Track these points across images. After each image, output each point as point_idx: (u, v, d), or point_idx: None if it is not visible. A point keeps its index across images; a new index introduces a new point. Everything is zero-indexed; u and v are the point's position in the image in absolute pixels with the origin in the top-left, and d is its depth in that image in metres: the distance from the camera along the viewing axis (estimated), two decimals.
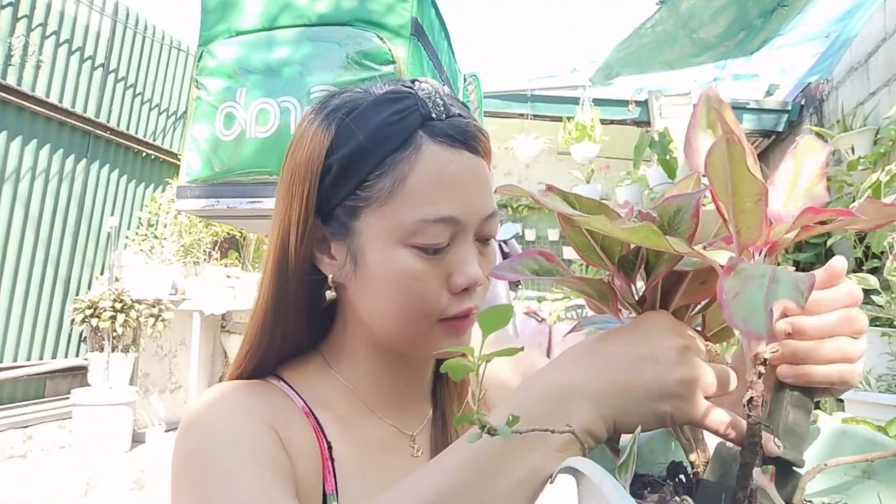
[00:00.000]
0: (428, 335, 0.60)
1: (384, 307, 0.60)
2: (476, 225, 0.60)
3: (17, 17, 4.49)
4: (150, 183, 5.83)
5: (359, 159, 0.58)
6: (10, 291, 4.55)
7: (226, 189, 1.60)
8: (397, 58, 1.50)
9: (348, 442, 0.62)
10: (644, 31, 3.22)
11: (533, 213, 7.10)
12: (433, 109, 0.59)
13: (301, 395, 0.63)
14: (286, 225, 0.62)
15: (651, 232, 0.38)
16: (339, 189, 0.59)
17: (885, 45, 3.30)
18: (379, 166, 0.58)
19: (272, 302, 0.63)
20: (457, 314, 0.59)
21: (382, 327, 0.61)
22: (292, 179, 0.61)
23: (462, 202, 0.58)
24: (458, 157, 0.59)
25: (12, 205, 4.54)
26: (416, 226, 0.57)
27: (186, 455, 0.55)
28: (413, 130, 0.58)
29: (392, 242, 0.58)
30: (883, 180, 2.51)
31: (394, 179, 0.57)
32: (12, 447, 4.28)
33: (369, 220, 0.58)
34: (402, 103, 0.59)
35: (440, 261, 0.58)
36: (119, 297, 4.73)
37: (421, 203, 0.57)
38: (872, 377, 2.14)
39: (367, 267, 0.59)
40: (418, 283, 0.58)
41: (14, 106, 4.49)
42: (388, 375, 0.66)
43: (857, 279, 2.14)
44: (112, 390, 4.61)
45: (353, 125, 0.59)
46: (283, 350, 0.66)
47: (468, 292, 0.60)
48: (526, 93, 5.56)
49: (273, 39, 1.58)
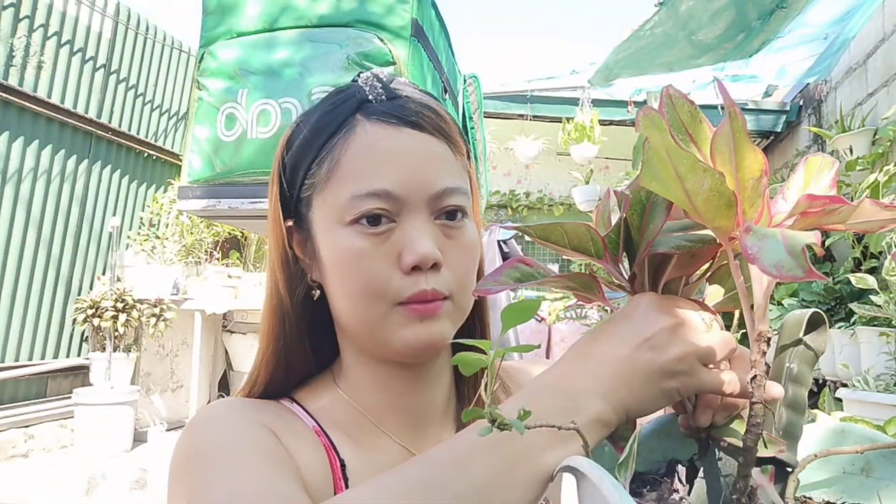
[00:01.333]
0: (387, 321, 0.57)
1: (340, 294, 0.59)
2: (425, 202, 0.57)
3: (18, 18, 4.49)
4: (151, 183, 5.83)
5: (303, 151, 0.60)
6: (12, 291, 4.55)
7: (227, 189, 1.60)
8: (397, 59, 1.51)
9: (360, 461, 0.60)
10: (643, 33, 3.22)
11: (533, 213, 7.11)
12: (370, 93, 0.60)
13: (312, 415, 0.61)
14: (271, 236, 0.64)
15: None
16: (292, 185, 0.61)
17: (883, 46, 3.30)
18: (318, 153, 0.59)
19: (273, 318, 0.64)
20: (413, 296, 0.56)
21: (347, 320, 0.60)
22: (270, 186, 0.64)
23: (400, 177, 0.56)
24: (396, 133, 0.58)
25: (14, 205, 4.54)
26: (350, 202, 0.56)
27: (186, 456, 0.54)
28: (349, 115, 0.59)
29: (334, 224, 0.57)
30: (881, 181, 2.51)
31: (331, 162, 0.58)
32: (14, 447, 4.29)
33: (317, 206, 0.59)
34: (341, 94, 0.61)
35: (386, 239, 0.56)
36: (121, 296, 4.74)
37: (354, 179, 0.56)
38: (871, 377, 2.14)
39: (322, 255, 0.59)
40: (363, 261, 0.56)
41: (16, 107, 4.49)
42: (386, 389, 0.63)
43: (856, 279, 2.14)
44: (113, 390, 4.62)
45: (300, 123, 0.62)
46: (291, 369, 0.64)
47: (422, 272, 0.56)
48: (525, 94, 5.56)
49: (274, 40, 1.58)
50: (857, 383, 2.15)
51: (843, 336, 2.43)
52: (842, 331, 2.46)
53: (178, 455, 0.55)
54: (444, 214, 0.59)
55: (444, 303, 0.57)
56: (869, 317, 2.20)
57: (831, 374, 2.56)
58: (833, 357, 2.47)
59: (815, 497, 0.49)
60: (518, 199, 7.10)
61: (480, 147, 2.17)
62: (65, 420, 4.68)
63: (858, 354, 2.31)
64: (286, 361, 0.63)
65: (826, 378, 2.67)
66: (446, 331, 0.58)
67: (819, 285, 3.09)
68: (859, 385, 2.13)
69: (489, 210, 6.90)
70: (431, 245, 0.56)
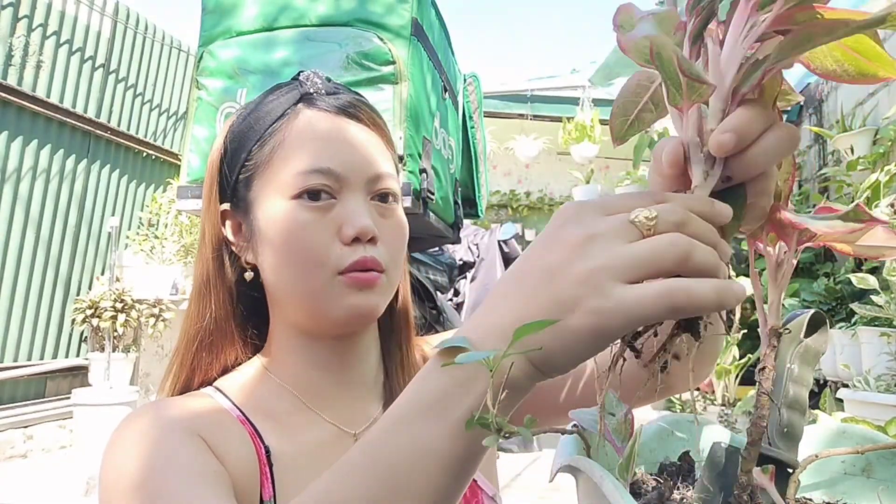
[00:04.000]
0: (329, 289, 0.60)
1: (283, 265, 0.61)
2: (363, 182, 0.62)
3: (17, 18, 4.49)
4: (150, 183, 5.83)
5: (244, 135, 0.64)
6: (10, 291, 4.55)
7: None
8: (397, 58, 1.50)
9: (287, 444, 0.61)
10: None
11: (533, 213, 7.11)
12: (311, 87, 0.65)
13: (235, 404, 0.62)
14: (203, 221, 0.67)
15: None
16: (232, 169, 0.65)
17: (885, 45, 3.30)
18: (261, 137, 0.63)
19: (197, 298, 0.66)
20: (353, 264, 0.60)
21: (287, 291, 0.62)
22: (205, 177, 0.67)
23: (340, 157, 0.61)
24: (336, 121, 0.63)
25: (13, 205, 4.54)
26: (294, 178, 0.60)
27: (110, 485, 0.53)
28: (292, 104, 0.64)
29: (277, 198, 0.61)
30: (882, 180, 2.51)
31: (274, 143, 0.62)
32: (13, 447, 4.29)
33: (257, 186, 0.63)
34: (283, 87, 0.66)
35: (327, 213, 0.60)
36: (120, 297, 4.74)
37: (297, 157, 0.61)
38: (872, 377, 2.14)
39: (262, 230, 0.62)
40: (306, 231, 0.60)
41: (14, 106, 4.49)
42: (321, 366, 0.65)
43: (857, 279, 2.14)
44: (113, 390, 4.62)
45: (241, 112, 0.67)
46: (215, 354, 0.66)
47: (361, 244, 0.60)
48: (526, 93, 5.57)
49: (273, 40, 1.58)
50: (857, 384, 2.15)
51: (843, 336, 2.43)
52: (843, 331, 2.46)
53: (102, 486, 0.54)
54: (378, 196, 0.63)
55: (381, 276, 0.61)
56: (870, 317, 2.20)
57: (832, 374, 2.56)
58: (834, 357, 2.46)
59: (815, 498, 0.49)
60: (518, 199, 7.11)
61: (480, 147, 2.16)
62: (64, 420, 4.68)
63: (859, 355, 2.31)
64: (210, 345, 0.65)
65: (827, 378, 2.67)
66: (381, 302, 0.63)
67: (820, 285, 3.09)
68: (860, 385, 2.13)
69: (489, 210, 6.90)
70: (369, 220, 0.61)
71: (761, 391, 0.41)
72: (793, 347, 0.48)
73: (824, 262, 3.62)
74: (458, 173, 1.79)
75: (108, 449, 0.56)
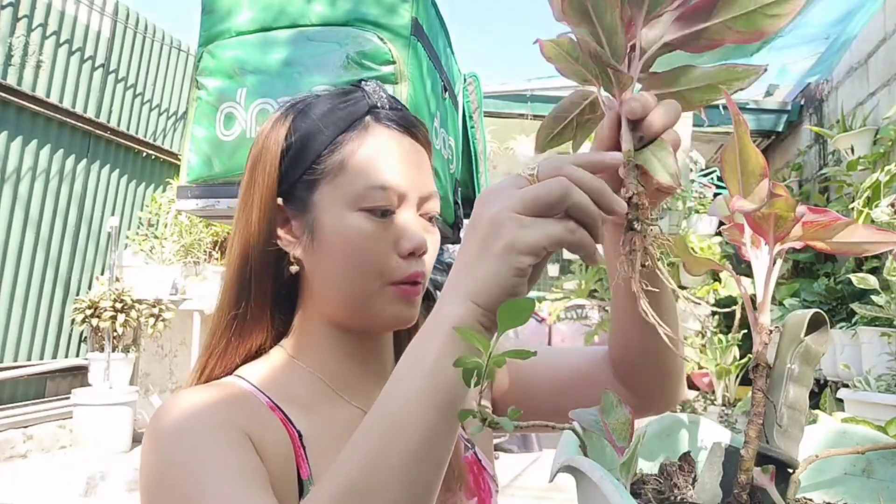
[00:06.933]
0: (379, 296, 0.66)
1: (339, 269, 0.65)
2: (417, 200, 0.68)
3: (17, 17, 4.49)
4: (150, 183, 5.83)
5: (313, 139, 0.67)
6: (10, 291, 4.55)
7: (226, 189, 1.59)
8: (397, 58, 1.50)
9: (317, 428, 0.65)
10: None
11: None
12: (377, 101, 0.69)
13: (264, 392, 0.65)
14: (249, 210, 0.68)
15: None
16: (296, 167, 0.67)
17: (884, 46, 3.30)
18: (331, 144, 0.66)
19: (236, 287, 0.68)
20: (406, 278, 0.66)
21: (337, 292, 0.66)
22: (254, 168, 0.68)
23: (404, 175, 0.66)
24: (401, 139, 0.68)
25: (13, 205, 4.54)
26: (364, 192, 0.64)
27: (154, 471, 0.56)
28: (361, 115, 0.68)
29: (344, 208, 0.65)
30: (882, 180, 2.51)
31: (345, 153, 0.66)
32: (12, 447, 4.29)
33: (324, 191, 0.66)
34: (350, 95, 0.70)
35: (388, 226, 0.65)
36: (119, 297, 4.73)
37: (368, 172, 0.65)
38: (872, 377, 2.14)
39: (323, 234, 0.65)
40: (368, 242, 0.64)
41: (14, 106, 4.49)
42: (351, 356, 0.70)
43: (857, 279, 2.14)
44: (112, 390, 4.62)
45: (307, 111, 0.68)
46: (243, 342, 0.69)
47: (415, 257, 0.66)
48: (526, 93, 5.56)
49: (273, 40, 1.57)
50: (858, 384, 2.15)
51: (844, 336, 2.43)
52: (843, 331, 2.45)
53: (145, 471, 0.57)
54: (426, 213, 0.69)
55: (421, 285, 0.68)
56: (870, 317, 2.20)
57: (832, 374, 2.56)
58: (834, 357, 2.46)
59: (815, 498, 0.49)
60: None
61: (480, 146, 2.16)
62: (63, 421, 4.67)
63: (860, 355, 2.31)
64: (240, 331, 0.68)
65: (827, 378, 2.67)
66: (416, 313, 0.69)
67: (821, 285, 3.08)
68: (860, 385, 2.13)
69: None
70: (423, 234, 0.67)
71: (756, 389, 0.41)
72: (793, 347, 0.48)
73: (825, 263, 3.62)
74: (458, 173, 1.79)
75: (147, 447, 0.58)
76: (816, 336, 0.48)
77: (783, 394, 0.47)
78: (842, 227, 0.43)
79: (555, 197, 0.44)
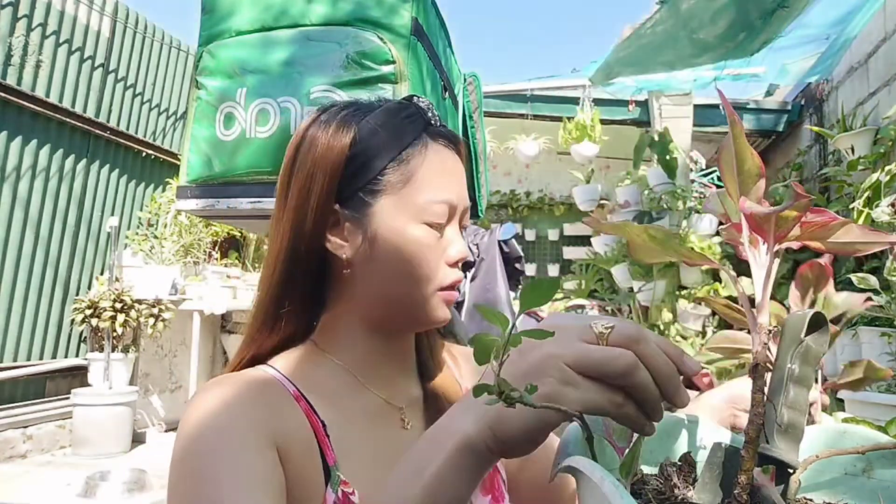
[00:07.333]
0: (428, 301, 0.71)
1: (396, 275, 0.70)
2: (460, 212, 0.74)
3: (16, 17, 4.49)
4: (150, 183, 5.83)
5: (377, 149, 0.71)
6: (10, 291, 4.55)
7: (226, 189, 1.59)
8: (397, 58, 1.50)
9: (342, 417, 0.69)
10: (644, 32, 3.21)
11: (533, 213, 7.10)
12: (431, 118, 0.75)
13: (292, 381, 0.69)
14: (303, 211, 0.71)
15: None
16: (360, 177, 0.70)
17: (884, 46, 3.30)
18: (396, 158, 0.71)
19: (281, 284, 0.71)
20: (451, 283, 0.72)
21: (388, 295, 0.71)
22: (312, 171, 0.71)
23: (456, 190, 0.73)
24: (452, 155, 0.75)
25: (12, 205, 4.54)
26: (426, 206, 0.70)
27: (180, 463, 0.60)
28: (420, 131, 0.73)
29: (407, 219, 0.70)
30: (883, 180, 2.51)
31: (408, 168, 0.71)
32: (12, 447, 4.29)
33: (387, 202, 0.70)
34: (409, 110, 0.74)
35: (440, 237, 0.71)
36: (119, 297, 4.73)
37: (430, 188, 0.70)
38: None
39: (384, 241, 0.70)
40: (426, 252, 0.70)
41: (14, 106, 4.49)
42: (381, 352, 0.75)
43: (857, 279, 2.14)
44: (112, 390, 4.62)
45: (372, 123, 0.72)
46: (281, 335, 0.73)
47: (458, 265, 0.73)
48: (526, 93, 5.56)
49: (273, 40, 1.57)
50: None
51: (844, 336, 2.43)
52: (843, 331, 2.45)
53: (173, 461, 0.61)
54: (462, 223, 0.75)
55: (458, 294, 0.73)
56: (871, 317, 2.20)
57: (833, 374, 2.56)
58: (835, 357, 2.46)
59: (816, 498, 0.49)
60: (518, 199, 7.10)
61: (480, 146, 2.16)
62: (63, 421, 4.68)
63: (860, 355, 2.31)
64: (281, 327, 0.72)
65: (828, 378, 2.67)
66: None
67: None
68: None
69: (489, 210, 6.90)
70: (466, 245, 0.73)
71: (755, 389, 0.41)
72: (793, 347, 0.48)
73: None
74: None
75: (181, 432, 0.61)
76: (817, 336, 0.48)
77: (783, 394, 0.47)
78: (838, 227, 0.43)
79: (616, 371, 0.42)
